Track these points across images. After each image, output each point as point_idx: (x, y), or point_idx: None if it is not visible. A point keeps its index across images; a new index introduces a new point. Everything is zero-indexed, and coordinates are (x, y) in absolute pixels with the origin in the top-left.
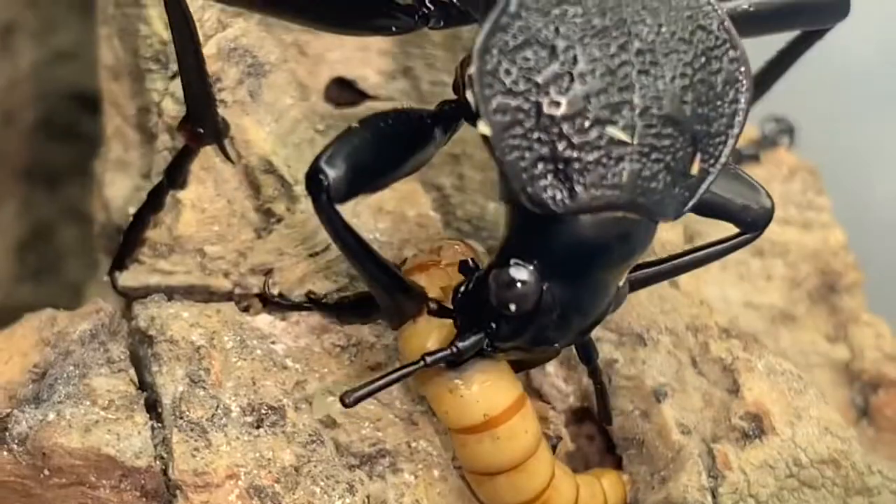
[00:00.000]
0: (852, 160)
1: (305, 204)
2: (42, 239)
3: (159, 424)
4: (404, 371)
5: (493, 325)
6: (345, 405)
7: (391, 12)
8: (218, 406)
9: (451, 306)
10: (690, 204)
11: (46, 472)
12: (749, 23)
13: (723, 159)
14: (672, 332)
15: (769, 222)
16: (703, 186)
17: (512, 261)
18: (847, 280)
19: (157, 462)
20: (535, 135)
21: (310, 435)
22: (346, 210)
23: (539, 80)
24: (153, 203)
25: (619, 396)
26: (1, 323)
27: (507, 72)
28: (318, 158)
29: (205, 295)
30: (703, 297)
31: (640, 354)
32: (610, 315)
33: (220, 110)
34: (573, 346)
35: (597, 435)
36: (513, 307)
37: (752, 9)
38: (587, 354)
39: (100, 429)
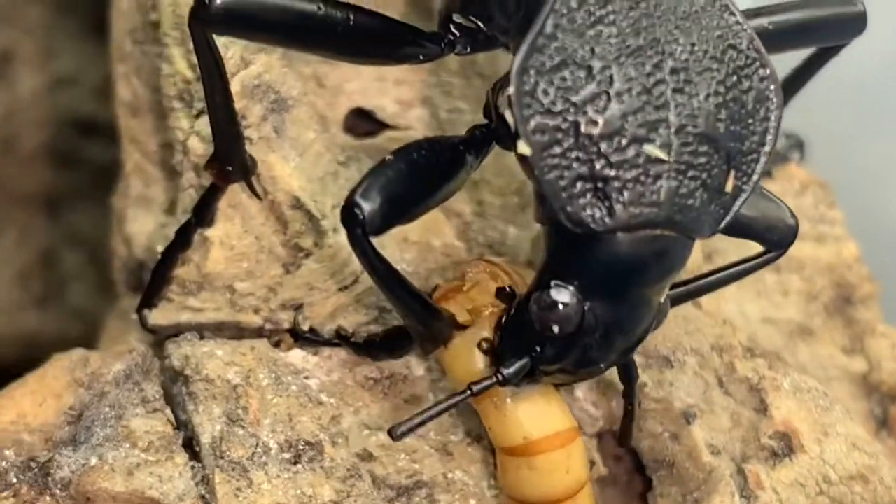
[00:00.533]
0: (864, 173)
1: (333, 238)
2: (45, 266)
3: (199, 464)
4: (450, 402)
5: (538, 349)
6: (393, 439)
7: (417, 41)
8: (257, 444)
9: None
10: (725, 221)
11: None
12: (769, 41)
13: (756, 177)
14: (697, 352)
15: (794, 240)
16: (738, 204)
17: (553, 283)
18: (862, 292)
19: (200, 502)
20: (574, 154)
21: (348, 469)
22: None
23: (577, 99)
24: (181, 241)
25: (648, 419)
26: (7, 350)
27: (546, 92)
28: (353, 192)
29: (235, 331)
30: (725, 316)
31: (667, 376)
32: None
33: (247, 147)
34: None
35: (624, 456)
36: (556, 329)
37: (771, 27)
38: (629, 374)
39: (142, 472)
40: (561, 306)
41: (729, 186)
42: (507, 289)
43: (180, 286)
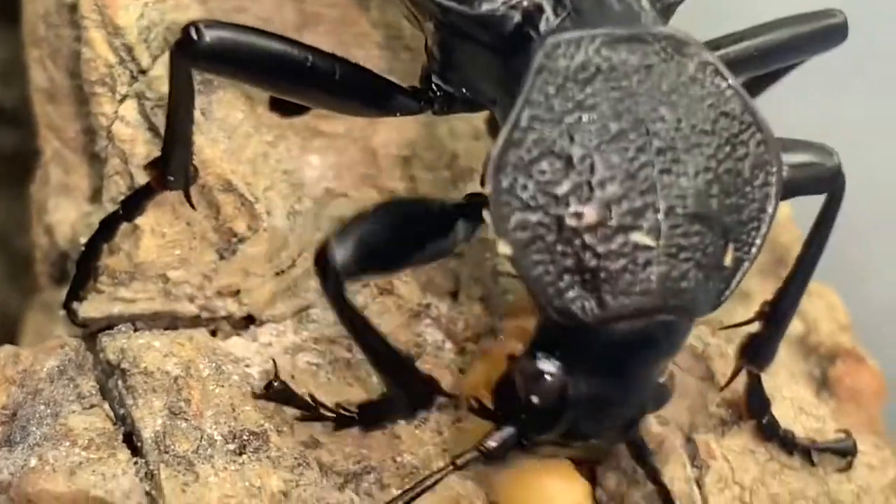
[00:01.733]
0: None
1: (267, 221)
2: None
3: (142, 460)
4: (437, 477)
5: (523, 419)
6: None
7: (397, 97)
8: (202, 437)
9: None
10: (727, 294)
11: None
12: (757, 63)
13: (759, 243)
14: None
15: (842, 176)
16: (739, 276)
17: (538, 353)
18: (795, 253)
19: (146, 499)
20: (559, 248)
21: (295, 458)
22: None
23: (558, 192)
24: (105, 233)
25: None
26: None
27: (524, 187)
28: (329, 238)
29: (170, 321)
30: None
31: None
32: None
33: None
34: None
35: None
36: (535, 399)
37: (756, 53)
38: (639, 454)
39: (84, 470)
40: (543, 378)
41: (728, 260)
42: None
43: (111, 277)
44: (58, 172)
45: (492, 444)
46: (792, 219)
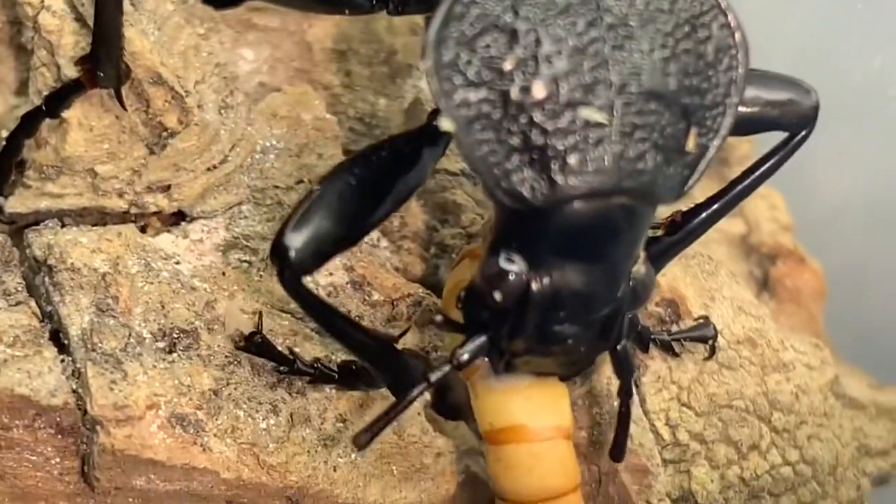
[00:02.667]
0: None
1: (199, 115)
2: None
3: (69, 357)
4: (409, 399)
5: (493, 325)
6: (359, 448)
7: None
8: (130, 335)
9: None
10: (693, 181)
11: None
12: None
13: (724, 131)
14: None
15: (817, 114)
16: (703, 163)
17: (498, 251)
18: (739, 153)
19: (73, 397)
20: (505, 125)
21: (226, 356)
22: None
23: (503, 67)
24: (27, 128)
25: None
26: None
27: (468, 62)
28: (282, 228)
29: (99, 217)
30: None
31: None
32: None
33: None
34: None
35: None
36: (498, 297)
37: None
38: (623, 365)
39: (9, 368)
40: (504, 275)
41: (691, 145)
42: None
43: (38, 171)
44: None
45: (464, 355)
46: None
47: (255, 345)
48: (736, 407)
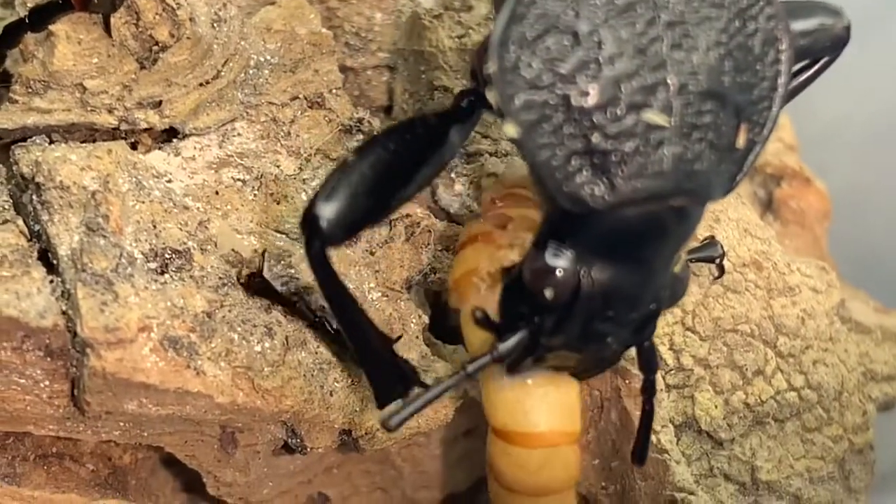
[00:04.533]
0: None
1: (190, 29)
2: None
3: (58, 278)
4: (445, 385)
5: (536, 321)
6: (389, 430)
7: None
8: (121, 255)
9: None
10: (740, 178)
11: None
12: None
13: (770, 125)
14: None
15: (849, 37)
16: (751, 158)
17: (548, 246)
18: None
19: (62, 319)
20: (566, 129)
21: (219, 278)
22: None
23: (564, 69)
24: (8, 39)
25: None
26: None
27: (529, 65)
28: (313, 198)
29: (88, 134)
30: None
31: None
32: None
33: None
34: (635, 353)
35: None
36: (548, 293)
37: None
38: (648, 362)
39: None
40: (555, 271)
41: (741, 142)
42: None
43: (24, 86)
44: None
45: (505, 348)
46: None
47: (255, 286)
48: (741, 331)
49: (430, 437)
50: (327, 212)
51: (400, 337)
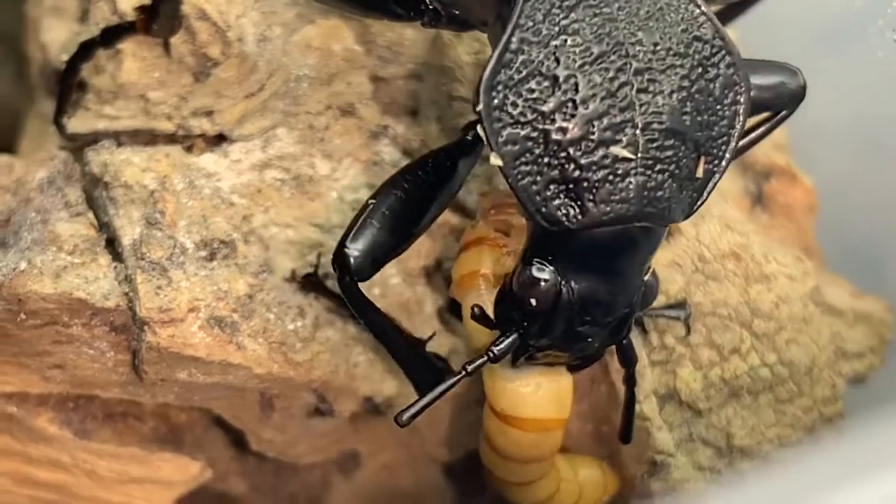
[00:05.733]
0: None
1: (238, 47)
2: None
3: (121, 265)
4: (448, 383)
5: (524, 325)
6: (400, 425)
7: (390, 2)
8: (175, 245)
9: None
10: (699, 203)
11: (23, 316)
12: None
13: (728, 156)
14: None
15: (804, 96)
16: (710, 186)
17: (532, 262)
18: None
19: (124, 300)
20: (545, 160)
21: (260, 265)
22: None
23: (544, 109)
24: (84, 54)
25: None
26: None
27: (514, 104)
28: (342, 239)
29: (150, 138)
30: None
31: None
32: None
33: None
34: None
35: None
36: (534, 302)
37: None
38: (627, 358)
39: (69, 274)
40: (539, 283)
41: (700, 172)
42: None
43: (96, 95)
44: None
45: (499, 349)
46: None
47: (311, 283)
48: (719, 314)
49: (444, 404)
50: (355, 251)
51: (432, 336)
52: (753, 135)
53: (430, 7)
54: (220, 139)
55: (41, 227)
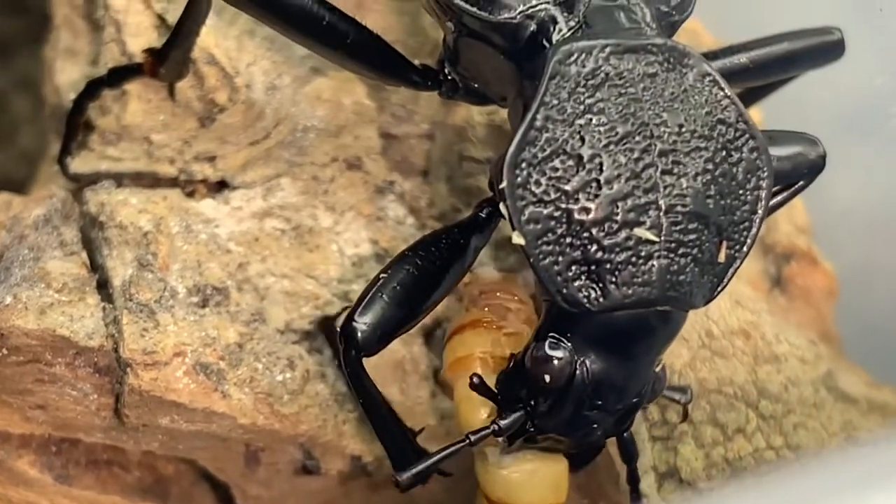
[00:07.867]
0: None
1: (245, 94)
2: None
3: (110, 305)
4: (449, 450)
5: (532, 403)
6: (401, 487)
7: (406, 72)
8: (165, 288)
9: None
10: (720, 289)
11: (4, 351)
12: (753, 75)
13: (749, 241)
14: None
15: (824, 165)
16: (731, 272)
17: (549, 336)
18: None
19: (109, 341)
20: (567, 240)
21: (252, 314)
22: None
23: (568, 188)
24: (90, 94)
25: None
26: None
27: (538, 182)
28: (350, 312)
29: (152, 181)
30: None
31: None
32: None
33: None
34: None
35: None
36: (548, 379)
37: (752, 65)
38: (628, 452)
39: (54, 311)
40: (554, 360)
41: (721, 257)
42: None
43: (101, 136)
44: (67, 37)
45: (505, 422)
46: None
47: (328, 331)
48: (725, 392)
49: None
50: (363, 325)
51: (422, 430)
52: (770, 203)
53: (449, 78)
54: (221, 185)
55: (32, 263)
